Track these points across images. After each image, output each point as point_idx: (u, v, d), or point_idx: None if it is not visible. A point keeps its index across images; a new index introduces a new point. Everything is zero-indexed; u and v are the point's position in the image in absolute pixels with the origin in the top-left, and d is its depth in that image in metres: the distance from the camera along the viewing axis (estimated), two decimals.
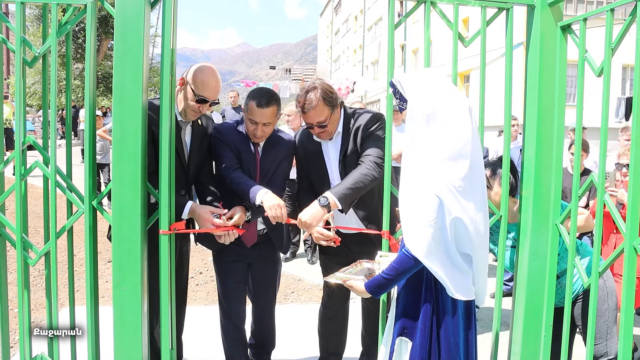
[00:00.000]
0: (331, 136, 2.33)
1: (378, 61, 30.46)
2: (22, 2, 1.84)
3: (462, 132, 1.52)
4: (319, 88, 2.19)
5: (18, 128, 1.86)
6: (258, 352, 2.70)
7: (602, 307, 2.14)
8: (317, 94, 2.17)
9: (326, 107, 2.19)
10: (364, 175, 2.16)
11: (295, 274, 4.81)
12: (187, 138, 2.32)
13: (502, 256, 2.08)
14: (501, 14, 2.04)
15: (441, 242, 1.52)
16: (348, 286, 1.76)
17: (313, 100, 2.17)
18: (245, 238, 2.38)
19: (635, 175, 1.61)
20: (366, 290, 1.66)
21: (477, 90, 2.08)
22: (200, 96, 2.15)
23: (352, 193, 2.13)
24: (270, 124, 2.29)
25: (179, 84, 2.19)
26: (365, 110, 2.41)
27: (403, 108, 1.63)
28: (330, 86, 2.25)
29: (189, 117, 2.24)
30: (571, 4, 16.99)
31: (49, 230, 1.95)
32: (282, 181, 2.47)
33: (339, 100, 2.28)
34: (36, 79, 18.52)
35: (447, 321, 1.59)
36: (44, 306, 2.76)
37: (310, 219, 2.08)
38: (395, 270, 1.58)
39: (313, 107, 2.17)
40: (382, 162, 2.19)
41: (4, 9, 14.27)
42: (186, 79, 2.18)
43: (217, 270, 2.54)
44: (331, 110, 2.22)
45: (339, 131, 2.33)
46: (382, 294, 1.72)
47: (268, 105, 2.22)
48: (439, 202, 1.49)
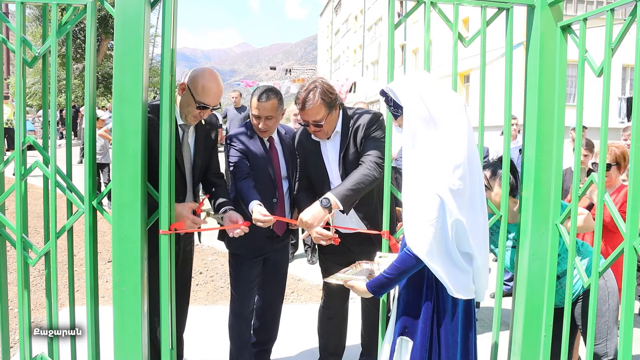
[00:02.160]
0: (328, 135, 2.34)
1: (378, 61, 30.46)
2: (22, 2, 1.84)
3: (459, 132, 1.53)
4: (319, 87, 2.21)
5: (18, 128, 1.86)
6: (259, 351, 2.71)
7: (602, 308, 2.13)
8: (316, 93, 2.19)
9: (323, 107, 2.21)
10: (365, 175, 2.17)
11: (295, 274, 4.81)
12: (191, 140, 2.33)
13: (502, 256, 2.08)
14: (501, 14, 2.04)
15: (442, 241, 1.53)
16: (349, 286, 1.76)
17: (311, 99, 2.19)
18: (277, 227, 2.48)
19: (635, 175, 1.61)
20: (368, 290, 1.67)
21: (477, 90, 2.08)
22: (201, 103, 2.15)
23: (354, 194, 2.15)
24: (272, 118, 2.40)
25: (179, 89, 2.18)
26: (365, 110, 2.41)
27: (398, 115, 1.63)
28: (330, 86, 2.27)
29: (190, 122, 2.24)
30: (571, 4, 17.00)
31: (49, 230, 1.95)
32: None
33: (338, 101, 2.28)
34: (36, 79, 18.51)
35: (446, 320, 1.60)
36: (44, 306, 2.76)
37: (311, 219, 2.09)
38: (397, 269, 1.59)
39: (310, 106, 2.19)
40: (382, 162, 2.19)
41: (4, 9, 14.27)
42: (186, 85, 2.16)
43: (233, 267, 2.57)
44: (328, 111, 2.23)
45: (337, 131, 2.34)
46: (384, 293, 1.72)
47: (268, 100, 2.36)
48: (440, 201, 1.49)
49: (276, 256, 2.62)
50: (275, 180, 2.49)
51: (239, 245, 2.48)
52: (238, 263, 2.55)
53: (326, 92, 2.21)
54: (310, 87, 2.22)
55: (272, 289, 2.68)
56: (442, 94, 1.57)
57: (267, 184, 2.46)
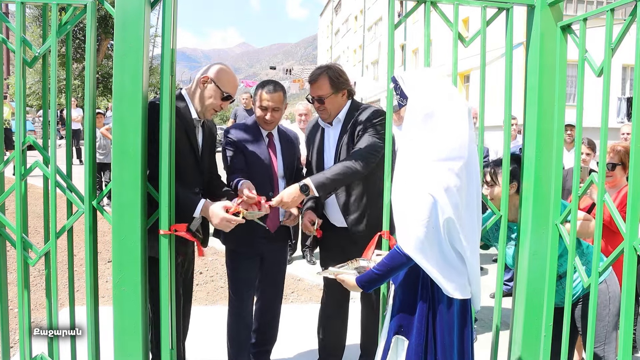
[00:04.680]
0: (331, 119, 2.46)
1: (378, 61, 30.45)
2: (22, 2, 1.84)
3: (459, 133, 1.54)
4: (330, 67, 2.42)
5: (18, 128, 1.86)
6: (259, 352, 2.70)
7: (602, 312, 2.12)
8: (324, 70, 2.38)
9: (328, 84, 2.36)
10: (347, 167, 2.25)
11: (295, 274, 4.81)
12: (199, 137, 2.34)
13: (502, 256, 2.08)
14: (501, 14, 2.04)
15: (435, 241, 1.52)
16: (340, 280, 1.78)
17: (317, 73, 2.39)
18: (270, 224, 2.47)
19: (635, 175, 1.61)
20: (357, 285, 1.68)
21: (477, 90, 2.08)
22: (227, 93, 2.23)
23: (331, 183, 2.25)
24: (279, 109, 2.48)
25: (200, 83, 2.21)
26: (371, 106, 2.48)
27: (402, 104, 1.65)
28: (342, 71, 2.45)
29: (207, 115, 2.27)
30: (571, 4, 16.99)
31: (49, 230, 1.95)
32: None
33: (345, 86, 2.42)
34: (36, 79, 18.51)
35: (442, 320, 1.59)
36: (44, 306, 2.76)
37: (288, 198, 2.22)
38: (386, 266, 1.59)
39: (316, 78, 2.39)
40: (371, 157, 2.27)
41: (4, 9, 14.26)
42: (210, 77, 2.20)
43: (230, 266, 2.57)
44: (333, 90, 2.37)
45: (340, 118, 2.44)
46: (373, 289, 1.73)
47: (275, 91, 2.45)
48: (433, 201, 1.49)
49: (274, 256, 2.61)
50: (272, 178, 2.49)
51: (234, 241, 2.49)
52: (235, 262, 2.55)
53: (335, 73, 2.38)
54: (323, 66, 2.44)
55: (271, 289, 2.67)
56: (450, 95, 1.58)
57: (263, 180, 2.46)
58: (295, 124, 5.36)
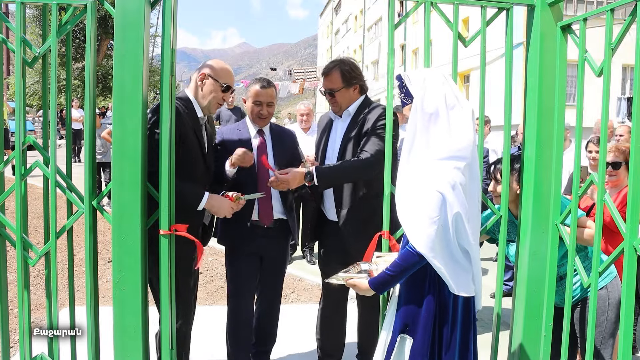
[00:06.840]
0: (341, 112, 2.49)
1: (378, 61, 30.45)
2: (22, 2, 1.84)
3: (465, 133, 1.56)
4: (344, 61, 2.47)
5: (18, 128, 1.86)
6: (259, 352, 2.70)
7: (600, 318, 2.12)
8: (337, 64, 2.43)
9: (340, 78, 2.41)
10: (353, 168, 2.31)
11: (295, 274, 4.81)
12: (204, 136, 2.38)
13: (502, 256, 2.08)
14: (501, 14, 2.04)
15: (444, 239, 1.54)
16: (350, 285, 1.76)
17: (330, 67, 2.45)
18: (262, 217, 2.50)
19: (635, 175, 1.61)
20: (370, 288, 1.67)
21: (477, 90, 2.08)
22: (225, 84, 2.30)
23: (334, 179, 2.33)
24: (272, 104, 2.54)
25: (199, 80, 2.28)
26: (381, 105, 2.49)
27: (406, 103, 1.67)
28: (355, 66, 2.48)
29: (212, 110, 2.35)
30: (571, 4, 16.98)
31: (49, 230, 1.95)
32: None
33: (357, 82, 2.46)
34: (36, 79, 18.50)
35: (447, 318, 1.60)
36: (44, 306, 2.76)
37: (291, 176, 2.28)
38: (399, 266, 1.59)
39: (328, 73, 2.44)
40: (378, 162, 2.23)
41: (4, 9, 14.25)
42: (206, 73, 2.27)
43: (229, 265, 2.58)
44: (344, 84, 2.42)
45: (350, 112, 2.47)
46: (386, 290, 1.73)
47: (269, 86, 2.53)
48: (441, 198, 1.50)
49: (274, 256, 2.61)
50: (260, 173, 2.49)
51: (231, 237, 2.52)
52: (235, 261, 2.54)
53: (348, 67, 2.42)
54: (337, 60, 2.49)
55: (270, 290, 2.67)
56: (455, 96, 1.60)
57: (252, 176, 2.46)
58: (297, 123, 5.37)
